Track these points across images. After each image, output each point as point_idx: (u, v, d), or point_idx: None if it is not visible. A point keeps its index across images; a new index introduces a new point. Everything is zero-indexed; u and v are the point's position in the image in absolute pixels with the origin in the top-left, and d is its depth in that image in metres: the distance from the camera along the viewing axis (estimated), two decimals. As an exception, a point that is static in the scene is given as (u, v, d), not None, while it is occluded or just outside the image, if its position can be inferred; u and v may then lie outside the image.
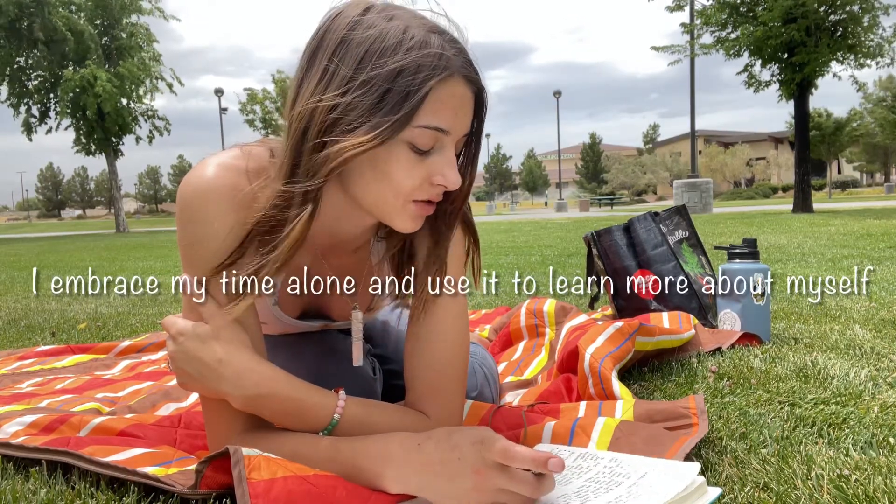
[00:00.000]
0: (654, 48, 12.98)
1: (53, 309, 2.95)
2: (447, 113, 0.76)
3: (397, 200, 0.79)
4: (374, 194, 0.79)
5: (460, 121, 0.78)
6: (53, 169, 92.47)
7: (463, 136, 0.80)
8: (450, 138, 0.78)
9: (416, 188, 0.78)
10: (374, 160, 0.76)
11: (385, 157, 0.76)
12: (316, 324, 1.03)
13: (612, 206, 33.64)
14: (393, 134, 0.73)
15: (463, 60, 0.76)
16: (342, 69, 0.74)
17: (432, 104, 0.74)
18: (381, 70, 0.72)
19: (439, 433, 0.77)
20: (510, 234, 8.16)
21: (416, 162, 0.77)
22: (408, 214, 0.80)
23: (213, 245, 0.80)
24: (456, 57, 0.76)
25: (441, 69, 0.74)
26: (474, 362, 1.21)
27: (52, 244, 11.91)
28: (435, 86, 0.74)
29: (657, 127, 67.11)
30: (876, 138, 34.58)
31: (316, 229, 0.88)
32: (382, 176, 0.77)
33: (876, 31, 11.25)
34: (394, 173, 0.77)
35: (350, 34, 0.74)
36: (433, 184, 0.79)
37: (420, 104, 0.73)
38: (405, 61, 0.73)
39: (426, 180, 0.78)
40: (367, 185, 0.79)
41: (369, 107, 0.73)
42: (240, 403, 0.79)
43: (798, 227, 6.73)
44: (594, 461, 0.82)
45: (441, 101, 0.75)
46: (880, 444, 0.92)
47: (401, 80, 0.72)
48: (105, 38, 19.95)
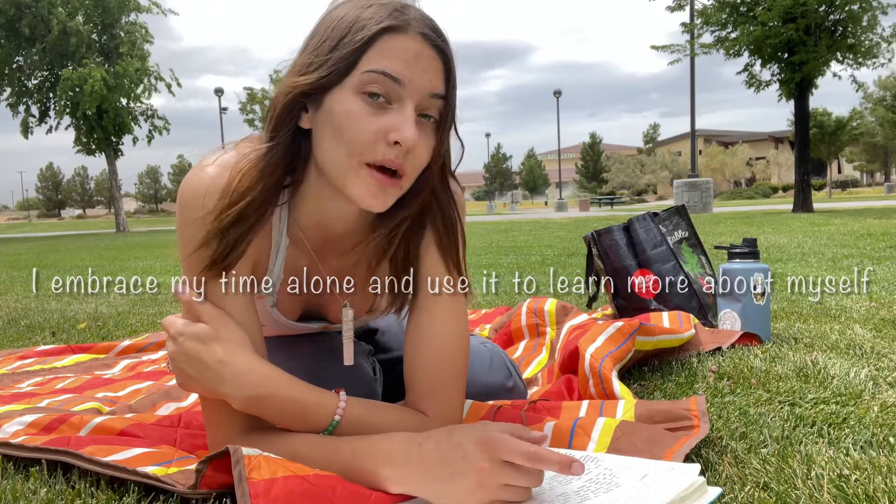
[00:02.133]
0: (654, 47, 12.98)
1: (53, 309, 2.95)
2: (397, 62, 0.76)
3: (351, 160, 0.77)
4: (332, 158, 0.79)
5: (416, 74, 0.77)
6: (53, 169, 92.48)
7: (429, 95, 0.78)
8: (406, 91, 0.76)
9: (369, 144, 0.76)
10: (332, 115, 0.77)
11: (339, 110, 0.77)
12: (315, 325, 1.03)
13: (612, 206, 33.64)
14: (337, 72, 0.76)
15: (421, 22, 0.78)
16: (314, 41, 0.80)
17: (380, 52, 0.76)
18: (337, 29, 0.77)
19: (439, 432, 0.77)
20: (510, 234, 8.16)
21: (370, 115, 0.76)
22: (363, 182, 0.78)
23: (212, 243, 0.80)
24: (415, 18, 0.78)
25: (393, 20, 0.76)
26: (503, 356, 1.23)
27: (52, 244, 11.91)
28: (385, 34, 0.76)
29: (657, 126, 67.07)
30: (876, 138, 34.60)
31: (306, 223, 0.88)
32: (338, 132, 0.77)
33: (875, 31, 11.26)
34: (346, 127, 0.76)
35: (326, 15, 0.81)
36: (389, 142, 0.76)
37: (367, 46, 0.75)
38: (359, 16, 0.77)
39: (381, 136, 0.76)
40: (327, 149, 0.79)
41: (323, 55, 0.77)
42: (240, 404, 0.79)
43: (798, 226, 6.73)
44: (595, 463, 0.82)
45: (390, 50, 0.76)
46: (880, 443, 0.92)
47: (352, 30, 0.76)
48: (104, 36, 19.95)
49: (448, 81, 0.80)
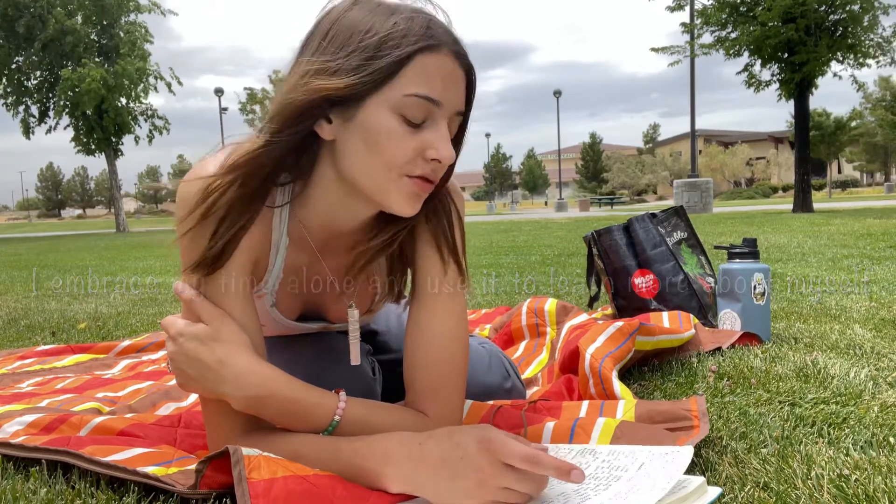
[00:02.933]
0: (654, 49, 12.97)
1: (53, 309, 2.95)
2: (436, 83, 0.76)
3: (391, 173, 0.78)
4: (366, 169, 0.78)
5: (451, 94, 0.77)
6: (53, 168, 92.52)
7: (455, 113, 0.79)
8: (441, 112, 0.77)
9: (409, 161, 0.77)
10: (367, 131, 0.76)
11: (377, 128, 0.76)
12: (315, 325, 1.03)
13: (612, 206, 33.64)
14: (373, 82, 0.74)
15: (451, 38, 0.77)
16: (333, 43, 0.76)
17: (419, 73, 0.75)
18: (368, 41, 0.74)
19: (440, 432, 0.77)
20: (510, 234, 8.16)
21: (408, 134, 0.76)
22: (403, 191, 0.79)
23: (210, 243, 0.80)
24: (444, 34, 0.77)
25: (427, 38, 0.75)
26: (502, 357, 1.23)
27: (52, 244, 11.91)
28: (421, 53, 0.75)
29: (657, 126, 67.13)
30: (876, 138, 34.60)
31: (312, 223, 0.88)
32: (374, 148, 0.77)
33: (876, 31, 11.26)
34: (385, 144, 0.76)
35: (342, 17, 0.78)
36: (426, 158, 0.78)
37: (404, 64, 0.74)
38: (391, 31, 0.74)
39: (419, 154, 0.77)
40: (360, 160, 0.78)
41: (354, 66, 0.74)
42: (240, 404, 0.79)
43: (798, 226, 6.73)
44: (593, 456, 0.82)
45: (429, 71, 0.75)
46: (880, 443, 0.92)
47: (386, 46, 0.74)
48: (103, 36, 19.95)
49: (469, 98, 0.82)
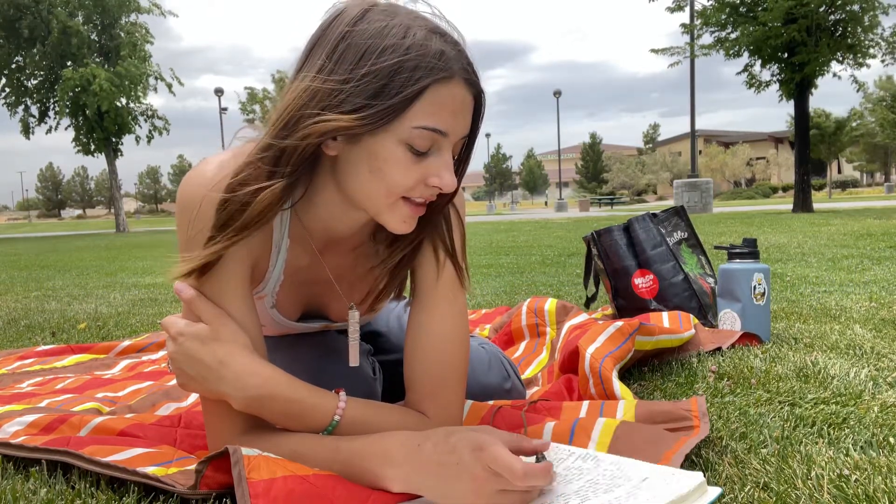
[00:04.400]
0: (654, 51, 12.97)
1: (53, 309, 2.95)
2: (446, 115, 0.76)
3: (389, 199, 0.79)
4: (367, 191, 0.79)
5: (459, 123, 0.78)
6: (53, 169, 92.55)
7: (461, 138, 0.80)
8: (447, 140, 0.78)
9: (411, 188, 0.78)
10: (372, 157, 0.76)
11: (383, 156, 0.76)
12: (316, 325, 1.03)
13: (612, 206, 33.64)
14: (383, 122, 0.73)
15: (463, 63, 0.77)
16: (343, 63, 0.74)
17: (430, 104, 0.74)
18: (381, 65, 0.73)
19: (437, 434, 0.77)
20: (510, 234, 8.16)
21: (413, 162, 0.77)
22: (399, 214, 0.80)
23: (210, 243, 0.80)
24: (456, 59, 0.76)
25: (440, 70, 0.74)
26: (501, 357, 1.23)
27: (52, 244, 11.91)
28: (433, 85, 0.74)
29: (657, 127, 67.16)
30: (876, 138, 34.60)
31: (313, 226, 0.88)
32: (378, 174, 0.77)
33: (876, 31, 11.25)
34: (389, 172, 0.77)
35: (352, 31, 0.75)
36: (428, 185, 0.79)
37: (416, 98, 0.73)
38: (405, 59, 0.73)
39: (421, 181, 0.78)
40: (361, 182, 0.79)
41: (365, 97, 0.73)
42: (240, 404, 0.79)
43: (798, 226, 6.73)
44: (595, 463, 0.81)
45: (439, 103, 0.75)
46: (880, 444, 0.92)
47: (399, 77, 0.73)
48: (104, 36, 19.95)
49: (475, 121, 0.82)
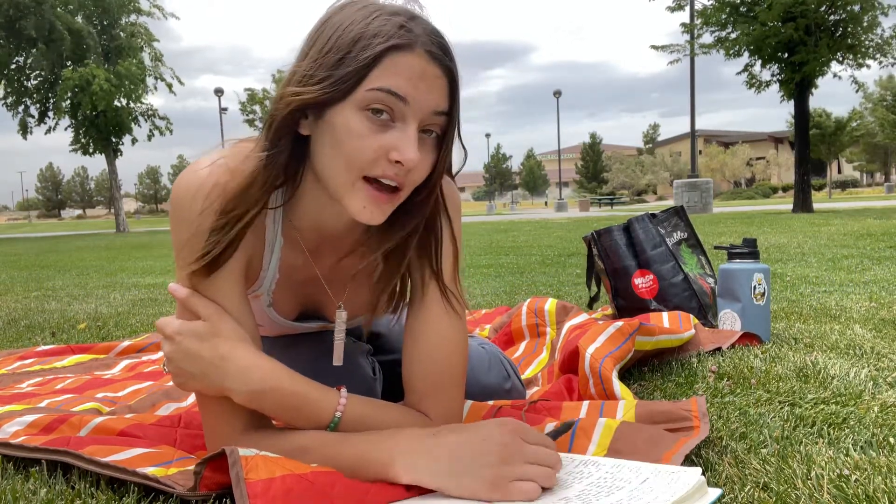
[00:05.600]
0: (654, 47, 12.97)
1: (53, 309, 2.95)
2: (402, 80, 0.75)
3: (350, 174, 0.77)
4: (329, 168, 0.78)
5: (422, 94, 0.76)
6: (53, 169, 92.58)
7: (431, 112, 0.77)
8: (410, 110, 0.75)
9: (370, 161, 0.76)
10: (333, 129, 0.76)
11: (342, 126, 0.75)
12: (313, 325, 1.03)
13: (612, 206, 33.64)
14: (341, 90, 0.74)
15: (428, 39, 0.76)
16: (315, 46, 0.77)
17: (387, 70, 0.74)
18: (342, 40, 0.75)
19: (451, 426, 0.81)
20: (510, 234, 8.16)
21: (372, 132, 0.75)
22: (358, 195, 0.77)
23: (203, 242, 0.80)
24: (420, 34, 0.76)
25: (399, 38, 0.74)
26: (501, 357, 1.23)
27: (52, 244, 11.91)
28: (391, 52, 0.74)
29: (657, 127, 67.21)
30: (876, 138, 34.62)
31: (302, 224, 0.88)
32: (338, 146, 0.76)
33: (876, 31, 11.26)
34: (347, 142, 0.76)
35: (327, 20, 0.78)
36: (390, 160, 0.76)
37: (373, 64, 0.74)
38: (365, 30, 0.74)
39: (381, 154, 0.76)
40: (325, 159, 0.78)
41: (327, 68, 0.75)
42: (243, 398, 0.79)
43: (798, 226, 6.73)
44: (596, 467, 0.82)
45: (397, 68, 0.74)
46: (880, 444, 0.92)
47: (358, 45, 0.74)
48: (104, 36, 19.95)
49: (452, 98, 0.79)
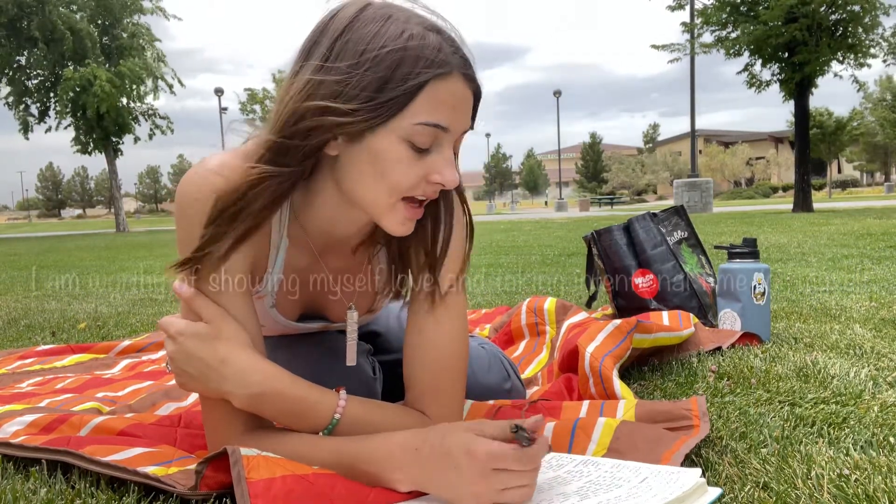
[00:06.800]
0: (654, 46, 12.96)
1: (53, 309, 2.95)
2: (446, 110, 0.76)
3: (391, 199, 0.79)
4: (368, 191, 0.79)
5: (459, 119, 0.78)
6: (53, 168, 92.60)
7: (461, 132, 0.80)
8: (448, 136, 0.78)
9: (413, 187, 0.78)
10: (373, 156, 0.76)
11: (384, 154, 0.76)
12: (315, 325, 1.03)
13: (612, 206, 33.64)
14: (384, 119, 0.74)
15: (461, 59, 0.77)
16: (344, 57, 0.74)
17: (430, 100, 0.74)
18: (382, 60, 0.73)
19: (433, 436, 0.76)
20: (510, 234, 8.16)
21: (415, 160, 0.77)
22: (397, 215, 0.80)
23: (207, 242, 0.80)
24: (454, 55, 0.76)
25: (439, 65, 0.74)
26: (501, 357, 1.23)
27: (52, 244, 11.91)
28: (433, 80, 0.74)
29: (657, 126, 67.22)
30: (876, 137, 34.61)
31: (312, 227, 0.88)
32: (380, 173, 0.77)
33: (876, 31, 11.26)
34: (391, 171, 0.76)
35: (350, 26, 0.75)
36: (430, 182, 0.78)
37: (416, 94, 0.74)
38: (405, 53, 0.73)
39: (423, 179, 0.78)
40: (363, 182, 0.78)
41: (368, 90, 0.73)
42: (242, 402, 0.79)
43: (798, 226, 6.73)
44: (595, 466, 0.82)
45: (439, 98, 0.75)
46: (880, 443, 0.92)
47: (400, 70, 0.73)
48: (105, 37, 19.95)
49: (475, 115, 0.82)
